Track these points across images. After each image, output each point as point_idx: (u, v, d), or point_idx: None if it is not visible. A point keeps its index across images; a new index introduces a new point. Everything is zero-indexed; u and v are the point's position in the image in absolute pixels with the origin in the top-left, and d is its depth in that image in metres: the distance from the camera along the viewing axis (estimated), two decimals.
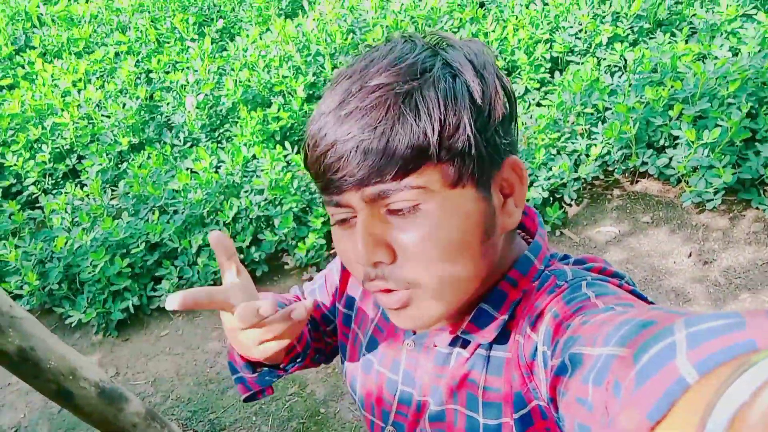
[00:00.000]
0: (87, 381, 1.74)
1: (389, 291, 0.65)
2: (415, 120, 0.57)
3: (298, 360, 0.91)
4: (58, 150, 3.94)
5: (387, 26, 3.98)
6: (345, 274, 0.94)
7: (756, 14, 3.40)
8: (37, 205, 3.76)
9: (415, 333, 0.80)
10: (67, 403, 1.73)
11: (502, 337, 0.70)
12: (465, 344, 0.73)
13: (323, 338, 1.00)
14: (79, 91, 4.16)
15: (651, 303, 0.61)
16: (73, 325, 3.04)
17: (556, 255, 0.75)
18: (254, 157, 3.47)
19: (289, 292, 1.05)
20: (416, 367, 0.79)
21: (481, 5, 4.36)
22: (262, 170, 3.26)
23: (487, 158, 0.62)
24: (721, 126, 2.85)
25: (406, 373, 0.80)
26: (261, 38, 4.27)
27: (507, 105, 0.65)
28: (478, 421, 0.71)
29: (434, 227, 0.60)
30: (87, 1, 5.50)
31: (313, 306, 0.99)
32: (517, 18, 3.96)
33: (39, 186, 3.80)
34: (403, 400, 0.81)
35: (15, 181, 3.88)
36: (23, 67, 4.77)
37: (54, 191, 3.82)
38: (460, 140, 0.59)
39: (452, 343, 0.74)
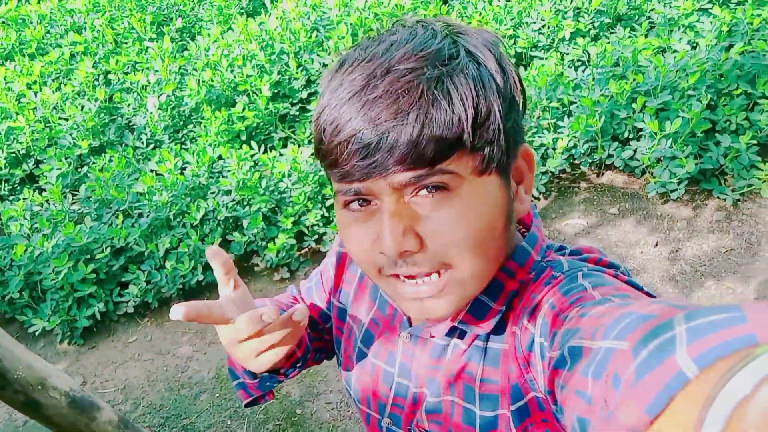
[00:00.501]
0: (57, 390, 1.68)
1: (413, 277, 0.63)
2: (449, 106, 0.56)
3: (299, 365, 0.90)
4: (14, 155, 3.80)
5: (351, 24, 3.96)
6: (340, 269, 0.93)
7: (712, 8, 3.49)
8: None
9: (411, 325, 0.79)
10: (36, 414, 1.67)
11: (499, 329, 0.70)
12: (462, 335, 0.73)
13: (323, 336, 0.99)
14: (35, 93, 4.03)
15: (647, 293, 0.62)
16: (36, 333, 2.95)
17: (552, 246, 0.75)
18: (220, 157, 3.42)
19: (285, 291, 1.03)
20: (412, 359, 0.78)
21: (445, 2, 4.38)
22: (228, 171, 3.21)
23: (510, 146, 0.62)
24: (682, 117, 2.91)
25: (402, 365, 0.80)
26: (223, 37, 4.20)
27: (522, 94, 0.65)
28: (475, 413, 0.71)
29: (463, 211, 0.60)
30: (39, 2, 5.34)
31: (310, 306, 0.98)
32: (480, 14, 3.99)
33: None
34: (400, 392, 0.80)
35: None
36: None
37: (11, 197, 3.69)
38: (491, 128, 0.59)
39: (449, 334, 0.73)
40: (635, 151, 3.13)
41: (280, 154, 3.39)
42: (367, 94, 0.57)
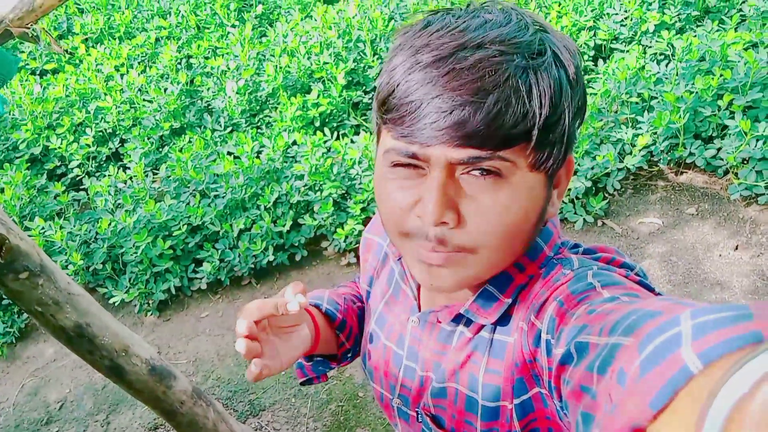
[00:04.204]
0: (138, 358, 1.77)
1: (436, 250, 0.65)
2: (528, 99, 0.57)
3: (349, 355, 0.98)
4: (101, 133, 4.00)
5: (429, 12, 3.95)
6: (364, 255, 0.99)
7: None
8: (81, 187, 3.83)
9: (420, 310, 0.82)
10: (119, 379, 1.76)
11: (506, 322, 0.72)
12: (468, 323, 0.75)
13: None
14: (122, 75, 4.22)
15: (658, 294, 0.62)
16: (116, 304, 3.10)
17: (566, 243, 0.76)
18: (294, 143, 3.49)
19: (345, 282, 1.10)
20: (419, 343, 0.82)
21: None
22: (302, 156, 3.27)
23: (566, 152, 0.64)
24: None
25: (410, 349, 0.83)
26: (301, 24, 4.27)
27: (585, 106, 0.67)
28: (477, 401, 0.73)
29: (509, 201, 0.61)
30: None
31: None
32: (560, 4, 3.90)
33: (83, 168, 3.88)
34: (407, 374, 0.84)
35: (60, 163, 3.95)
36: (67, 52, 4.86)
37: (97, 174, 3.88)
38: (557, 130, 0.60)
39: (455, 321, 0.76)
40: (719, 150, 3.00)
41: (352, 141, 3.43)
42: (454, 62, 0.57)
